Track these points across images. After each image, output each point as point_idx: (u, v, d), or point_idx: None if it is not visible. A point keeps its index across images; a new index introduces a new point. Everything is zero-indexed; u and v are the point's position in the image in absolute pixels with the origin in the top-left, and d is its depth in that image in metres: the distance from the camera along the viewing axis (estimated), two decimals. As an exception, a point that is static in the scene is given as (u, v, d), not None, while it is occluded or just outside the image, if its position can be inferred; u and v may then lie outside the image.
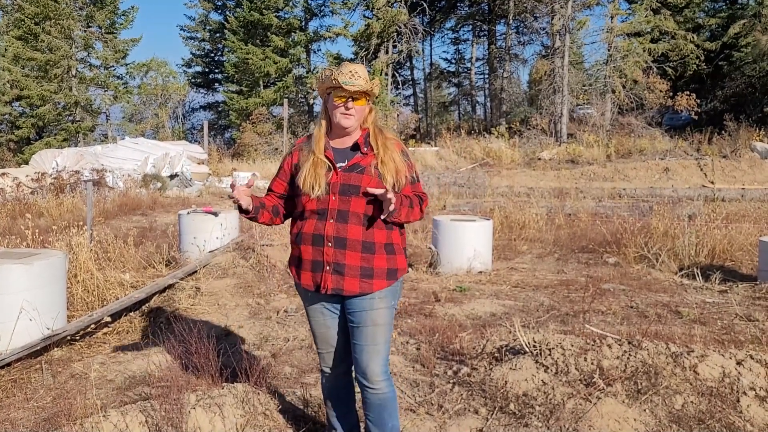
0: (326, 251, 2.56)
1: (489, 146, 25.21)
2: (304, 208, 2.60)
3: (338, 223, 2.55)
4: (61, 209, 11.98)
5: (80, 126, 30.84)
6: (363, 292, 2.58)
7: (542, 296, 6.12)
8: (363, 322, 2.60)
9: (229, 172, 22.40)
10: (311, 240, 2.59)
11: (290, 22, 33.35)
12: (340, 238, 2.55)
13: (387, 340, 2.66)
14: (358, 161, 2.60)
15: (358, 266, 2.57)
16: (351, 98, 2.54)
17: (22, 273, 4.46)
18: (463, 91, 40.91)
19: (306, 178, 2.56)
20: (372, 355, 2.60)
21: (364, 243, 2.57)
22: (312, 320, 2.77)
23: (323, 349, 2.79)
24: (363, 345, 2.60)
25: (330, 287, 2.57)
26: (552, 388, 3.40)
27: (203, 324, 4.87)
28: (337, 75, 2.51)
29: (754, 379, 3.32)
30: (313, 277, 2.61)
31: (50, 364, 4.33)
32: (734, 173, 19.22)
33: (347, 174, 2.57)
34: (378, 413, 2.66)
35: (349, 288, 2.57)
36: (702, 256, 7.45)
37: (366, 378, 2.61)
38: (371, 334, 2.60)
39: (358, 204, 2.56)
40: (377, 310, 2.60)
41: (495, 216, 9.86)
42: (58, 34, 29.61)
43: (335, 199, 2.55)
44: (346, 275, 2.56)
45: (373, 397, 2.63)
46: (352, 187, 2.55)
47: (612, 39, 27.93)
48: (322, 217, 2.57)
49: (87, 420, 2.94)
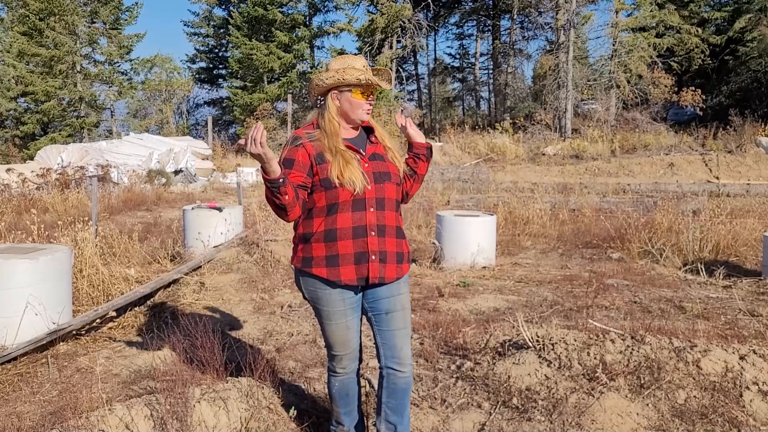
0: (370, 241, 2.55)
1: (493, 141, 25.17)
2: (335, 202, 2.51)
3: (378, 211, 2.57)
4: (66, 205, 12.04)
5: (85, 122, 30.92)
6: (398, 277, 2.63)
7: (546, 291, 6.12)
8: (392, 308, 2.64)
9: (233, 167, 22.42)
10: (351, 233, 2.52)
11: (294, 18, 33.33)
12: (381, 226, 2.57)
13: (410, 323, 2.75)
14: (374, 150, 2.66)
15: (395, 252, 2.62)
16: (371, 93, 2.59)
17: (28, 268, 4.48)
18: (468, 86, 40.87)
19: (343, 173, 2.47)
20: (405, 338, 2.67)
21: (397, 228, 2.64)
22: (333, 323, 2.64)
23: (341, 352, 2.71)
24: (395, 330, 2.64)
25: (377, 276, 2.57)
26: (555, 383, 3.41)
27: (208, 319, 4.89)
28: (356, 74, 2.51)
29: (757, 374, 3.32)
30: (358, 270, 2.54)
31: (56, 358, 4.35)
32: (739, 168, 19.15)
33: (374, 162, 2.61)
34: (401, 398, 2.70)
35: (390, 275, 2.60)
36: (706, 251, 7.43)
37: (400, 362, 2.65)
38: (402, 318, 2.65)
39: (390, 190, 2.62)
40: (404, 294, 2.68)
41: (499, 211, 9.86)
42: (62, 30, 29.67)
43: (371, 187, 2.55)
44: (388, 262, 2.59)
45: (401, 381, 2.67)
46: (384, 174, 2.60)
47: (617, 34, 27.82)
48: (359, 208, 2.53)
49: (93, 414, 2.96)
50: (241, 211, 8.34)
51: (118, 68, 33.96)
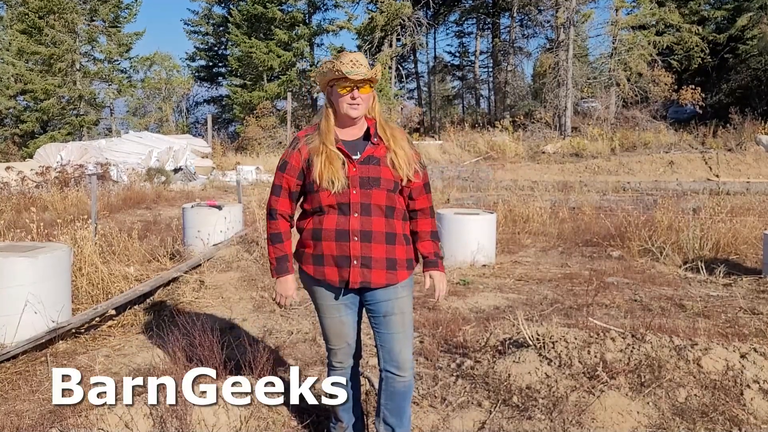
0: (353, 246, 2.53)
1: (493, 140, 25.16)
2: (321, 204, 2.55)
3: (363, 216, 2.53)
4: (65, 203, 12.02)
5: (84, 120, 30.88)
6: (389, 283, 2.59)
7: (546, 290, 6.12)
8: (390, 312, 2.61)
9: (233, 165, 22.40)
10: (335, 236, 2.54)
11: (294, 16, 33.27)
12: (366, 232, 2.54)
13: (412, 327, 2.70)
14: (372, 152, 2.58)
15: (383, 258, 2.57)
16: (356, 87, 2.51)
17: (27, 266, 4.48)
18: (467, 84, 40.80)
19: (323, 173, 2.50)
20: (404, 342, 2.63)
21: (387, 234, 2.58)
22: (327, 317, 2.70)
23: (336, 345, 2.75)
24: (392, 333, 2.62)
25: (358, 281, 2.56)
26: (555, 381, 3.40)
27: (207, 317, 4.88)
28: (339, 66, 2.47)
29: (758, 372, 3.32)
30: (340, 272, 2.57)
31: (55, 356, 4.35)
32: (739, 166, 19.15)
33: (365, 166, 2.55)
34: (400, 401, 2.68)
35: (377, 280, 2.57)
36: (706, 249, 7.42)
37: (398, 366, 2.63)
38: (400, 322, 2.62)
39: (379, 196, 2.55)
40: (402, 298, 2.63)
41: (499, 209, 9.85)
42: (62, 28, 29.63)
43: (356, 192, 2.52)
44: (374, 268, 2.56)
45: (400, 385, 2.65)
46: (372, 180, 2.54)
47: (617, 32, 27.80)
48: (344, 212, 2.53)
49: (92, 412, 2.95)
50: (241, 210, 8.33)
51: (118, 66, 33.94)
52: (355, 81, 2.49)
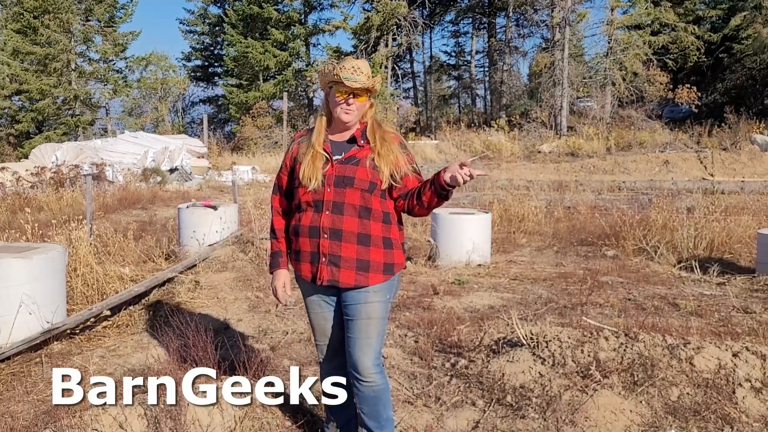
0: (322, 243, 2.57)
1: (489, 139, 25.21)
2: (300, 201, 2.62)
3: (334, 214, 2.56)
4: (60, 203, 11.99)
5: (80, 120, 30.81)
6: (358, 285, 2.58)
7: (540, 289, 6.14)
8: (357, 315, 2.60)
9: (228, 165, 22.37)
10: (308, 232, 2.60)
11: (289, 15, 33.24)
12: (336, 230, 2.56)
13: (380, 334, 2.65)
14: (354, 153, 2.60)
15: (354, 258, 2.57)
16: (352, 94, 2.53)
17: (22, 267, 4.47)
18: (463, 84, 40.80)
19: (305, 170, 2.58)
20: (364, 348, 2.60)
21: (359, 235, 2.57)
22: (310, 311, 2.80)
23: (320, 341, 2.82)
24: (355, 338, 2.61)
25: (326, 278, 2.59)
26: (549, 380, 3.42)
27: (202, 317, 4.89)
28: (339, 70, 2.50)
29: (750, 371, 3.34)
30: (311, 268, 2.63)
31: (50, 357, 4.34)
32: (734, 166, 19.23)
33: (343, 166, 2.58)
34: (372, 405, 2.67)
35: (345, 280, 2.58)
36: (700, 248, 7.45)
37: (357, 371, 2.62)
38: (364, 327, 2.60)
39: (353, 195, 2.56)
40: (372, 304, 2.60)
41: (494, 209, 9.86)
42: (57, 28, 29.54)
43: (330, 190, 2.56)
44: (342, 267, 2.57)
45: (367, 389, 2.63)
46: (347, 179, 2.56)
47: (612, 31, 27.85)
48: (318, 209, 2.58)
49: (86, 413, 2.96)
50: (237, 210, 8.33)
51: (113, 66, 33.83)
52: (352, 88, 2.51)
